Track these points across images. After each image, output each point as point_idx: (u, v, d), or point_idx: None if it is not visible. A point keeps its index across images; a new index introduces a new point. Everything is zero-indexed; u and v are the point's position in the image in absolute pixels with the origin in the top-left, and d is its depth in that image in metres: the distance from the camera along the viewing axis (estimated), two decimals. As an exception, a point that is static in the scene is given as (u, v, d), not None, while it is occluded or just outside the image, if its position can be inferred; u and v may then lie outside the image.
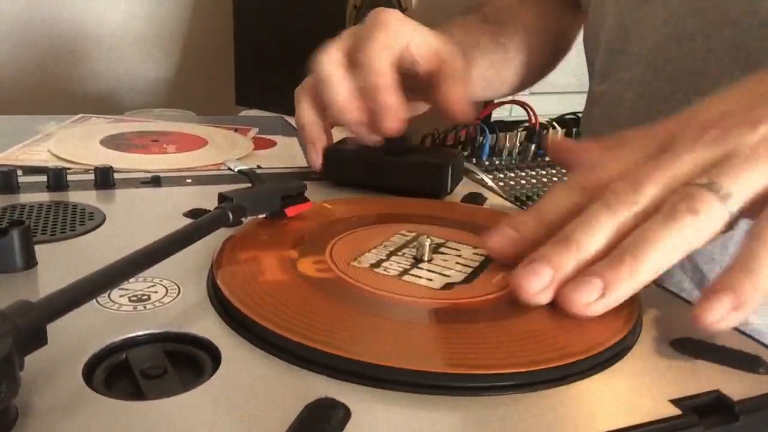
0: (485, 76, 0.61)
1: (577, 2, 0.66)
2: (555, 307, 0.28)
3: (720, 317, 0.25)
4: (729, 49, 0.46)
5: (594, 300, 0.27)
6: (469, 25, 0.62)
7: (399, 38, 0.46)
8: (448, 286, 0.30)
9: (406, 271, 0.31)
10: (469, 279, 0.31)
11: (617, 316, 0.27)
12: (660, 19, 0.50)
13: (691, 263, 0.50)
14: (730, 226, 0.28)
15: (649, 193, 0.29)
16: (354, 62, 0.45)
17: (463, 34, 0.59)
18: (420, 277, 0.31)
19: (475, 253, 0.34)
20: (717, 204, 0.27)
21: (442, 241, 0.35)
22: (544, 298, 0.28)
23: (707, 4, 0.47)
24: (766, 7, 0.44)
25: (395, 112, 0.44)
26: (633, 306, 0.28)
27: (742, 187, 0.27)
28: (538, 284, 0.28)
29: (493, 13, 0.64)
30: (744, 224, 0.28)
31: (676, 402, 0.23)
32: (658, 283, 0.33)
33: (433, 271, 0.31)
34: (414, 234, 0.36)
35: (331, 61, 0.46)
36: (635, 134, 0.33)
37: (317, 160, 0.48)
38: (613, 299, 0.27)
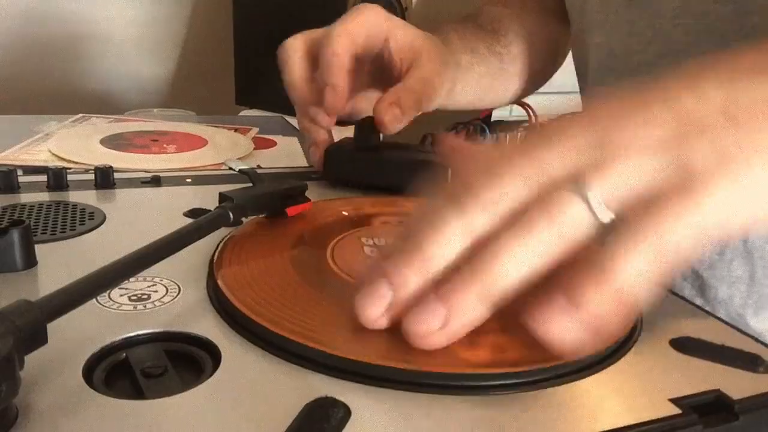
0: (481, 83, 0.61)
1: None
2: None
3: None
4: None
5: (435, 330, 0.23)
6: (464, 31, 0.62)
7: (368, 28, 0.47)
8: None
9: None
10: None
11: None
12: (646, 38, 0.50)
13: (691, 269, 0.50)
14: (608, 228, 0.24)
15: (511, 193, 0.24)
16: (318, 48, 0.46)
17: (459, 40, 0.59)
18: None
19: None
20: (579, 207, 0.23)
21: None
22: (383, 323, 0.25)
23: (692, 22, 0.47)
24: (749, 19, 0.44)
25: (337, 92, 0.45)
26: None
27: (610, 187, 0.24)
28: (377, 309, 0.24)
29: (488, 22, 0.64)
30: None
31: (675, 401, 0.23)
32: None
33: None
34: None
35: (290, 46, 0.47)
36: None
37: (320, 159, 0.48)
38: (458, 327, 0.24)
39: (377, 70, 0.50)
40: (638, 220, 0.23)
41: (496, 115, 1.10)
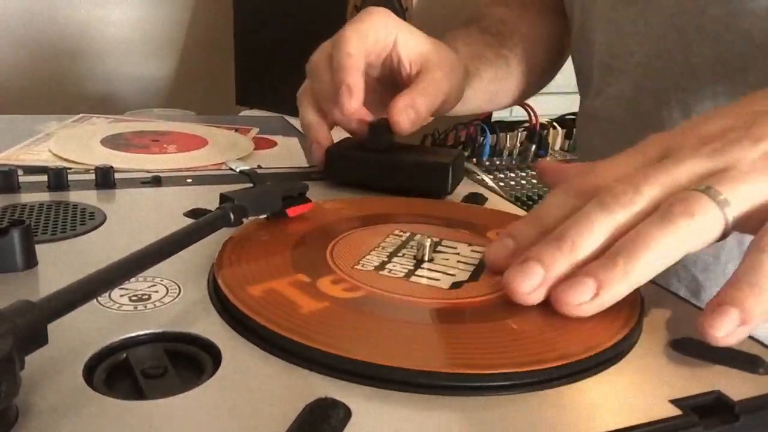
0: (489, 89, 0.61)
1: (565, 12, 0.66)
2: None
3: (727, 332, 0.25)
4: (709, 63, 0.46)
5: (587, 300, 0.27)
6: (470, 38, 0.62)
7: (377, 31, 0.47)
8: (456, 285, 0.30)
9: (411, 272, 0.31)
10: (474, 276, 0.31)
11: (617, 316, 0.27)
12: (643, 37, 0.51)
13: (686, 272, 0.50)
14: (725, 235, 0.28)
15: (647, 193, 0.28)
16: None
17: (466, 46, 0.59)
18: (426, 277, 0.31)
19: (473, 251, 0.34)
20: (714, 209, 0.27)
21: (437, 240, 0.35)
22: (536, 297, 0.28)
23: (686, 22, 0.47)
24: (742, 22, 0.44)
25: (353, 91, 0.45)
26: (633, 306, 0.28)
27: (740, 198, 0.27)
28: (529, 284, 0.27)
29: (492, 26, 0.64)
30: (737, 233, 0.28)
31: (676, 402, 0.23)
32: (658, 283, 0.33)
33: (438, 271, 0.31)
34: (408, 234, 0.36)
35: (318, 56, 0.48)
36: (632, 148, 0.33)
37: (323, 158, 0.48)
38: (606, 299, 0.27)
39: (385, 74, 0.50)
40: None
41: (496, 116, 1.10)
